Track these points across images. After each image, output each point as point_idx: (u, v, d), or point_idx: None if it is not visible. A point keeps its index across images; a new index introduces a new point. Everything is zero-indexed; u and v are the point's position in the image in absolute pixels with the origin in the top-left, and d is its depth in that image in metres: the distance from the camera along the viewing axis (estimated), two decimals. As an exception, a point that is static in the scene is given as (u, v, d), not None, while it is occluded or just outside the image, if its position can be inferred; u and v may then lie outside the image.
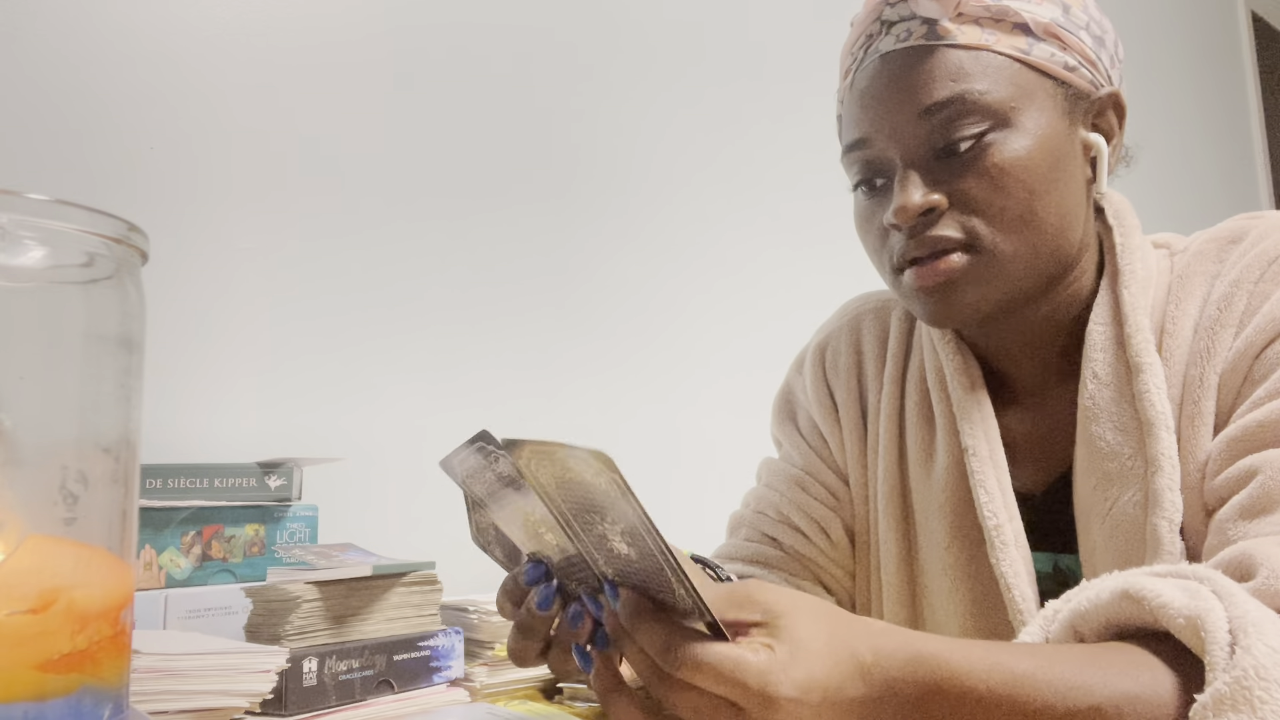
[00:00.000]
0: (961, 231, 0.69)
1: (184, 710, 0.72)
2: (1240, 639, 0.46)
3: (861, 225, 0.76)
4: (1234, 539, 0.60)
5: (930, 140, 0.69)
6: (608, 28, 1.59)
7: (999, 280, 0.70)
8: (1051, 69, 0.70)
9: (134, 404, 0.49)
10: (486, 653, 0.99)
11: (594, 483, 0.45)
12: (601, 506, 0.46)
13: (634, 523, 0.45)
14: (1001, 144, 0.68)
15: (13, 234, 0.43)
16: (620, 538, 0.46)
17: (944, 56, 0.69)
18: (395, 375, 1.28)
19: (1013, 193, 0.68)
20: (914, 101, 0.69)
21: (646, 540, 0.45)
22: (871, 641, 0.48)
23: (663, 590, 0.48)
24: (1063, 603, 0.56)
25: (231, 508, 1.01)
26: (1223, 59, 3.38)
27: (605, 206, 1.55)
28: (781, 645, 0.46)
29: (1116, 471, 0.69)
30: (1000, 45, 0.69)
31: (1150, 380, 0.68)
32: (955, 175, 0.69)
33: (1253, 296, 0.67)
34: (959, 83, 0.68)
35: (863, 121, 0.73)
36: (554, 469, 0.46)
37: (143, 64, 1.12)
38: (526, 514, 0.51)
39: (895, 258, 0.72)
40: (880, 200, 0.74)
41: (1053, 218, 0.70)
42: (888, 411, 0.84)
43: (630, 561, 0.48)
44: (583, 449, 0.43)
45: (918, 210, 0.69)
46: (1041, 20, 0.70)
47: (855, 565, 0.87)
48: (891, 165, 0.72)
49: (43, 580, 0.42)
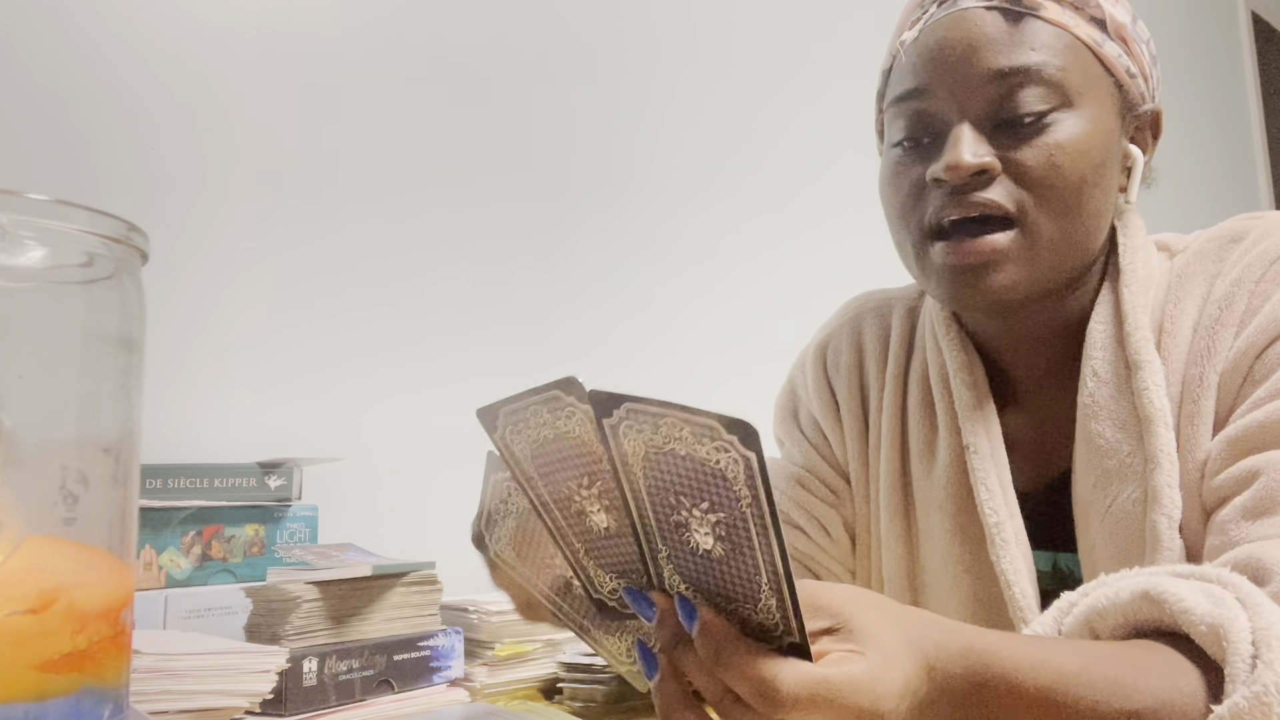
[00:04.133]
0: (1010, 202, 0.68)
1: (184, 710, 0.72)
2: (1263, 653, 0.46)
3: (892, 181, 0.73)
4: (1236, 540, 0.60)
5: (996, 104, 0.68)
6: (607, 28, 1.59)
7: (1035, 266, 0.69)
8: (1116, 69, 0.71)
9: (134, 404, 0.49)
10: (486, 653, 0.99)
11: (707, 457, 0.39)
12: (700, 488, 0.40)
13: (744, 512, 0.39)
14: (1063, 124, 0.68)
15: (13, 234, 0.43)
16: (710, 530, 0.40)
17: (1028, 24, 0.69)
18: (395, 375, 1.28)
19: (1066, 175, 0.67)
20: (988, 61, 0.68)
21: (753, 535, 0.39)
22: (933, 634, 0.46)
23: (743, 601, 0.42)
24: (1079, 595, 0.55)
25: (231, 508, 1.01)
26: (1223, 59, 3.38)
27: (607, 205, 1.55)
28: (872, 651, 0.42)
29: (1115, 469, 0.69)
30: (1079, 30, 0.70)
31: (1149, 377, 0.68)
32: (1012, 144, 0.68)
33: (1253, 296, 0.67)
34: (1037, 53, 0.68)
35: (925, 72, 0.71)
36: (652, 436, 0.40)
37: (143, 64, 1.12)
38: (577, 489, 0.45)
39: (930, 216, 0.70)
40: (922, 156, 0.71)
41: (1090, 213, 0.70)
42: (890, 409, 0.84)
43: (709, 560, 0.42)
44: (715, 413, 0.37)
45: (972, 168, 0.67)
46: (1116, 20, 0.71)
47: (855, 563, 0.87)
48: (945, 121, 0.70)
49: (43, 580, 0.42)
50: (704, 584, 0.43)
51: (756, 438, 0.37)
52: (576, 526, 0.46)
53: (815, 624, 0.43)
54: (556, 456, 0.44)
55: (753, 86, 1.78)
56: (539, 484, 0.46)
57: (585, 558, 0.47)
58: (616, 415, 0.40)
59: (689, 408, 0.38)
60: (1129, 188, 0.74)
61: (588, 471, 0.44)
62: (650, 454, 0.40)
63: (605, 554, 0.46)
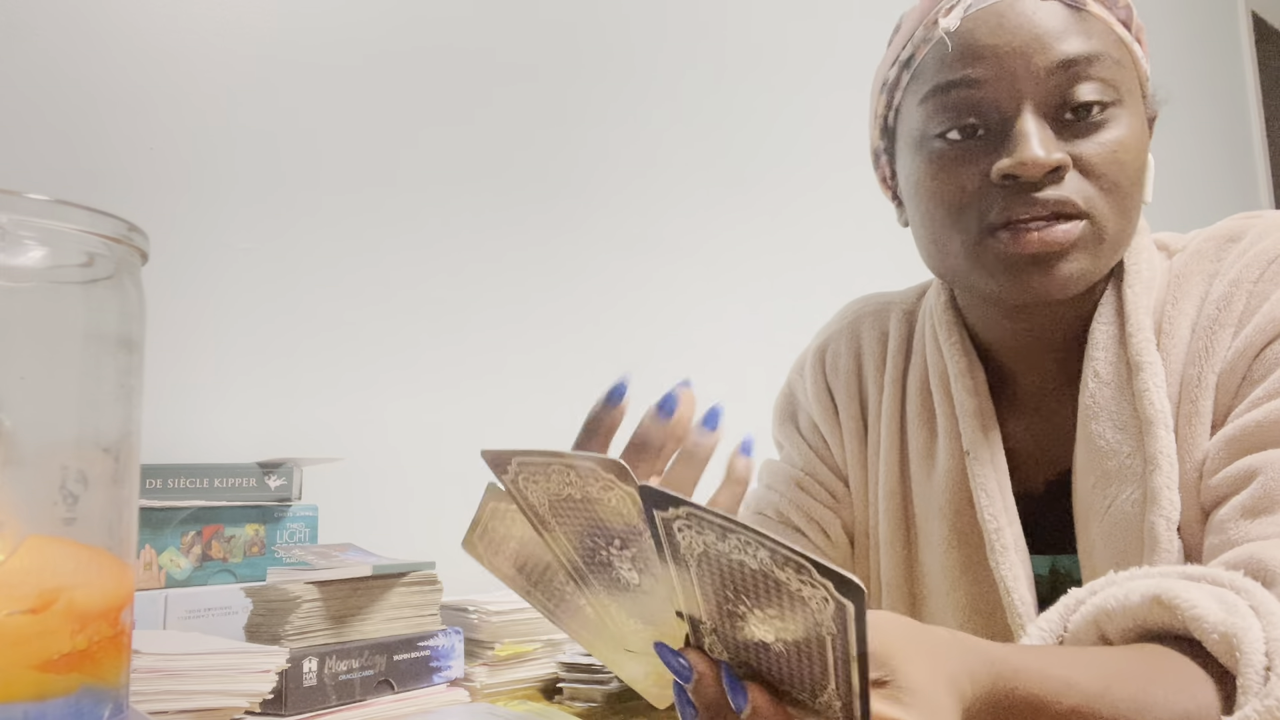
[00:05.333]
0: (1081, 199, 0.66)
1: (184, 710, 0.72)
2: (1276, 664, 0.46)
3: (944, 174, 0.69)
4: (1235, 539, 0.60)
5: (1059, 93, 0.66)
6: (607, 28, 1.59)
7: (1098, 260, 0.68)
8: (1141, 70, 0.72)
9: (134, 404, 0.49)
10: (486, 653, 0.99)
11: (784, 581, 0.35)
12: (768, 599, 0.36)
13: (824, 638, 0.36)
14: (1120, 120, 0.68)
15: (13, 234, 0.43)
16: (773, 631, 0.37)
17: (1083, 17, 0.68)
18: (395, 375, 1.28)
19: (1127, 172, 0.67)
20: (1052, 48, 0.66)
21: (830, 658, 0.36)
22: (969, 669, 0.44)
23: (798, 688, 0.39)
24: (1086, 594, 0.55)
25: (231, 508, 1.01)
26: (1223, 59, 3.38)
27: (608, 207, 1.54)
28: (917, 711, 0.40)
29: (1115, 470, 0.69)
30: (1117, 29, 0.70)
31: (1150, 379, 0.68)
32: (1078, 139, 0.67)
33: (1252, 296, 0.67)
34: (1098, 42, 0.67)
35: (979, 60, 0.67)
36: (718, 544, 0.37)
37: (143, 64, 1.12)
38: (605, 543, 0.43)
39: (995, 215, 0.67)
40: (979, 148, 0.68)
41: (1137, 209, 0.70)
42: (889, 414, 0.83)
43: (767, 650, 0.38)
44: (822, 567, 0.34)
45: (1049, 165, 0.64)
46: (1136, 22, 0.72)
47: (854, 566, 0.87)
48: (1003, 111, 0.67)
49: (43, 580, 0.42)
50: (755, 663, 0.40)
51: (863, 595, 0.34)
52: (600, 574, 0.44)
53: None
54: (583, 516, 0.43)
55: (761, 92, 1.78)
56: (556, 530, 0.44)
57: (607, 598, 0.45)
58: (672, 512, 0.37)
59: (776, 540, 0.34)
60: (1145, 188, 0.74)
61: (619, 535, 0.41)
62: (710, 555, 0.38)
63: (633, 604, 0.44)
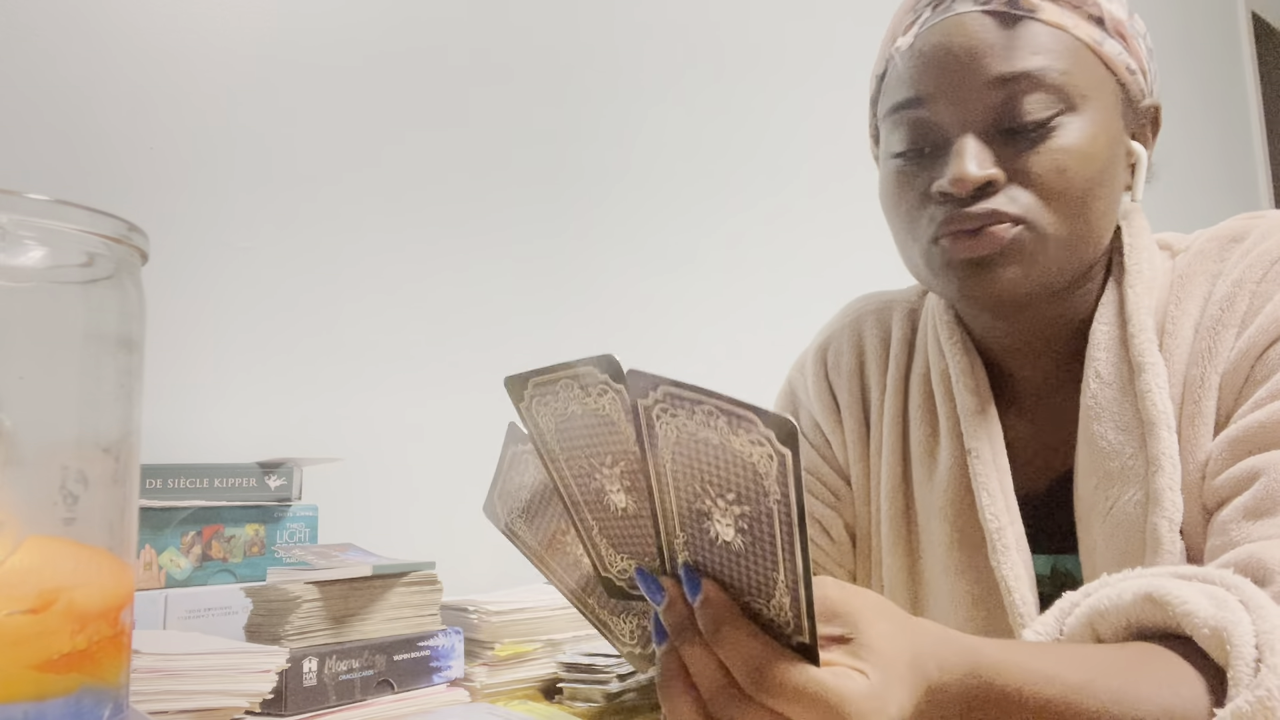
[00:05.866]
0: (1016, 207, 0.67)
1: (184, 710, 0.72)
2: (1267, 656, 0.46)
3: (895, 191, 0.72)
4: (1237, 540, 0.60)
5: (998, 111, 0.67)
6: (606, 30, 1.59)
7: (1042, 262, 0.68)
8: (1117, 67, 0.70)
9: (134, 404, 0.49)
10: (486, 653, 0.99)
11: (740, 452, 0.38)
12: (730, 480, 0.39)
13: (771, 509, 0.39)
14: (1068, 128, 0.67)
15: (13, 234, 0.43)
16: (732, 521, 0.40)
17: (1027, 28, 0.67)
18: (395, 375, 1.28)
19: (1073, 179, 0.67)
20: (989, 68, 0.67)
21: (776, 532, 0.39)
22: (937, 653, 0.46)
23: (756, 594, 0.42)
24: (1081, 596, 0.55)
25: (231, 508, 1.01)
26: (1223, 59, 3.38)
27: (607, 206, 1.54)
28: (875, 673, 0.42)
29: (1117, 471, 0.69)
30: (1078, 30, 0.69)
31: (1152, 380, 0.68)
32: (1017, 151, 0.67)
33: (1255, 297, 0.67)
34: (1040, 57, 0.67)
35: (923, 81, 0.69)
36: (686, 422, 0.39)
37: (143, 64, 1.12)
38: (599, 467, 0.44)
39: (936, 227, 0.69)
40: (925, 166, 0.70)
41: (1098, 213, 0.69)
42: (891, 413, 0.83)
43: (728, 550, 0.41)
44: (755, 409, 0.37)
45: (978, 182, 0.66)
46: (1114, 16, 0.70)
47: (856, 565, 0.87)
48: (946, 130, 0.69)
49: (43, 580, 0.42)
50: (718, 573, 0.42)
51: (795, 436, 0.37)
52: (593, 503, 0.46)
53: (827, 629, 0.43)
54: (582, 432, 0.44)
55: (762, 92, 1.78)
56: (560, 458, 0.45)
57: (599, 535, 0.47)
58: (652, 397, 0.39)
59: (729, 397, 0.37)
60: (1134, 185, 0.73)
61: (612, 451, 0.43)
62: (682, 439, 0.39)
63: (620, 534, 0.46)
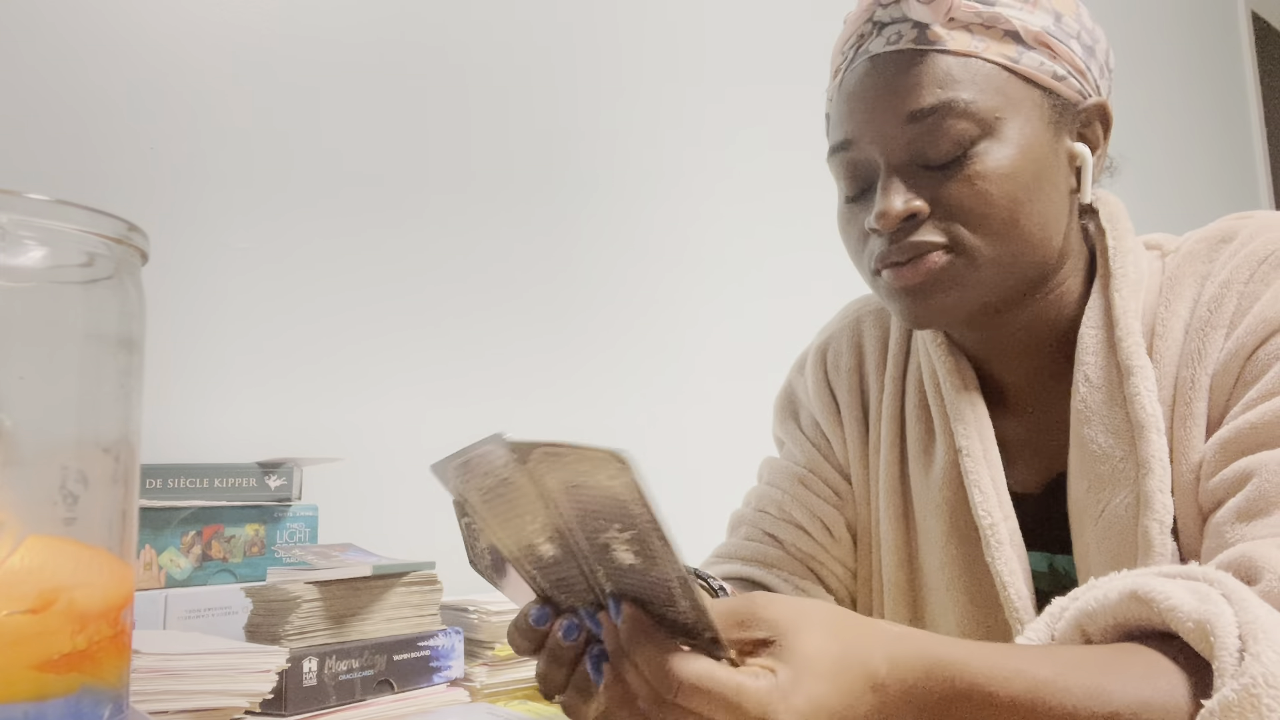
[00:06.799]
0: (944, 236, 0.69)
1: (184, 710, 0.72)
2: (1250, 645, 0.46)
3: (843, 228, 0.76)
4: (1231, 541, 0.60)
5: (914, 146, 0.69)
6: (605, 30, 1.59)
7: (977, 284, 0.70)
8: (1039, 78, 0.70)
9: (134, 404, 0.49)
10: (486, 653, 0.99)
11: (606, 485, 0.43)
12: (610, 512, 0.44)
13: (645, 528, 0.43)
14: (985, 153, 0.68)
15: (13, 234, 0.43)
16: (626, 545, 0.44)
17: (933, 62, 0.69)
18: (395, 375, 1.28)
19: (996, 201, 0.68)
20: (900, 107, 0.69)
21: (656, 546, 0.43)
22: (887, 650, 0.46)
23: (665, 605, 0.46)
24: (1069, 600, 0.56)
25: (231, 508, 1.01)
26: (1223, 59, 3.38)
27: (606, 207, 1.55)
28: (785, 668, 0.44)
29: (1108, 474, 0.70)
30: (989, 53, 0.69)
31: (1141, 383, 0.68)
32: (938, 182, 0.69)
33: (1243, 297, 0.67)
34: (946, 90, 0.68)
35: (849, 123, 0.72)
36: (563, 473, 0.44)
37: (143, 64, 1.12)
38: (523, 524, 0.49)
39: (874, 261, 0.72)
40: (863, 204, 0.73)
41: (1035, 226, 0.70)
42: (889, 412, 0.84)
43: (633, 572, 0.46)
44: (598, 449, 0.41)
45: (899, 216, 0.68)
46: (1032, 28, 0.70)
47: (858, 564, 0.87)
48: (875, 169, 0.71)
49: (43, 580, 0.42)
50: (634, 595, 0.47)
51: (631, 463, 0.41)
52: (530, 555, 0.50)
53: (752, 634, 0.46)
54: (503, 500, 0.49)
55: (761, 91, 1.78)
56: (493, 524, 0.50)
57: (543, 581, 0.52)
58: (533, 460, 0.44)
59: (580, 445, 0.42)
60: (1082, 187, 0.73)
61: (528, 510, 0.48)
62: (568, 488, 0.44)
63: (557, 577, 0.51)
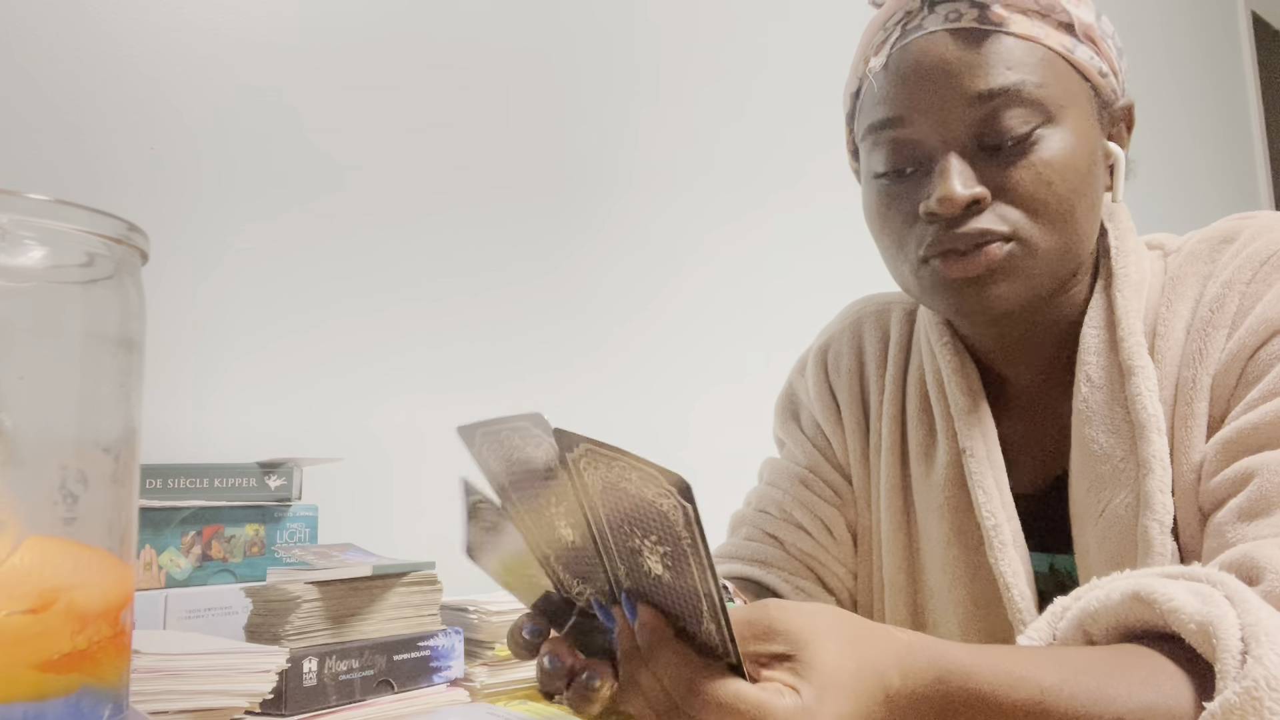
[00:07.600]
0: (1005, 225, 0.67)
1: (184, 710, 0.72)
2: (1252, 648, 0.46)
3: (881, 211, 0.72)
4: (1233, 542, 0.60)
5: (979, 128, 0.67)
6: (605, 31, 1.59)
7: (1033, 275, 0.68)
8: (1090, 72, 0.70)
9: (134, 404, 0.49)
10: (486, 653, 0.99)
11: (653, 502, 0.41)
12: (649, 523, 0.43)
13: (685, 549, 0.42)
14: (1049, 140, 0.67)
15: (13, 234, 0.43)
16: (658, 558, 0.43)
17: (999, 43, 0.67)
18: (395, 375, 1.28)
19: (1058, 191, 0.67)
20: (966, 86, 0.67)
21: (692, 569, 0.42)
22: (899, 662, 0.46)
23: (687, 619, 0.45)
24: (1071, 600, 0.56)
25: (231, 508, 1.01)
26: (1223, 59, 3.38)
27: (606, 209, 1.55)
28: (808, 687, 0.43)
29: (1109, 474, 0.69)
30: (1050, 40, 0.68)
31: (1142, 383, 0.68)
32: (1001, 168, 0.67)
33: (1245, 298, 0.67)
34: (1014, 72, 0.67)
35: (899, 100, 0.69)
36: (607, 474, 0.43)
37: (143, 64, 1.12)
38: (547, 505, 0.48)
39: (924, 248, 0.69)
40: (909, 185, 0.70)
41: (1085, 219, 0.69)
42: (889, 413, 0.84)
43: (659, 582, 0.45)
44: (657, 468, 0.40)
45: (964, 201, 0.66)
46: (1084, 21, 0.70)
47: (858, 565, 0.87)
48: (928, 149, 0.69)
49: (43, 580, 0.42)
50: (657, 600, 0.46)
51: (691, 492, 0.40)
52: (548, 535, 0.49)
53: (769, 648, 0.45)
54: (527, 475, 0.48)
55: (761, 92, 1.78)
56: (512, 494, 0.49)
57: (556, 563, 0.50)
58: (576, 452, 0.43)
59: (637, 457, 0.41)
60: (1115, 186, 0.73)
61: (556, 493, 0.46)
62: (607, 487, 0.43)
63: (573, 563, 0.49)
